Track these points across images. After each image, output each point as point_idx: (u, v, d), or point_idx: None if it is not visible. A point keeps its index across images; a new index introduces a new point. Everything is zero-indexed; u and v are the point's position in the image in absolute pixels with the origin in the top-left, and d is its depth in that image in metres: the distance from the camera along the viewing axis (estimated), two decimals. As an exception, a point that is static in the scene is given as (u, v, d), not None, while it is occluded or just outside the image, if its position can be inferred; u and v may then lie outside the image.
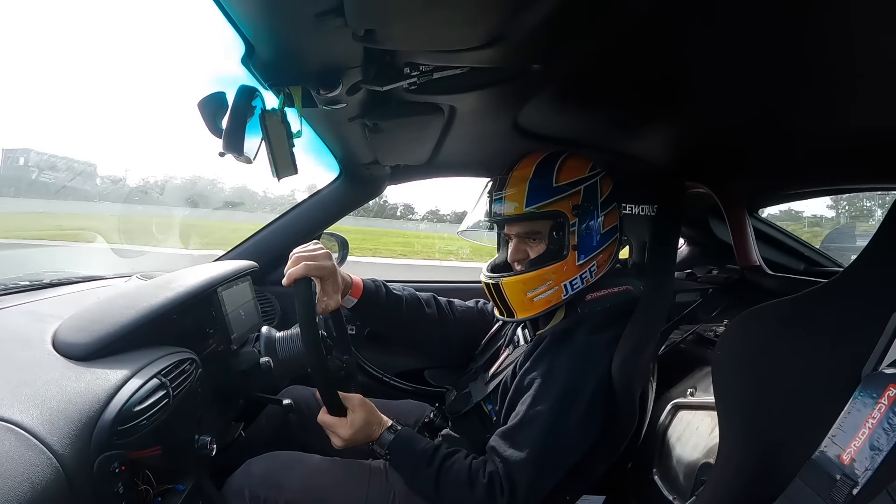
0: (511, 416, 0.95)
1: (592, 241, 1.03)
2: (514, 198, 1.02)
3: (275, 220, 1.62)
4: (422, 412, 1.29)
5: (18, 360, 0.74)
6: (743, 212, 1.32)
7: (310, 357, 0.91)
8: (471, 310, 1.37)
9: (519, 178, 1.03)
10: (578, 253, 1.01)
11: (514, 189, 1.02)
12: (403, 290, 1.29)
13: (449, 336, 1.34)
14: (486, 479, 0.87)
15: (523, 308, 1.04)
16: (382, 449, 0.97)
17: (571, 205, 1.01)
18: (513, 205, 1.02)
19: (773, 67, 0.73)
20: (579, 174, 1.03)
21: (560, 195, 1.00)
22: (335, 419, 0.96)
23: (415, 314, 1.28)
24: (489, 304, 1.36)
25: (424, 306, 1.30)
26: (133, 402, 0.72)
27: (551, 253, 1.03)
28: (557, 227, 1.02)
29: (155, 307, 0.91)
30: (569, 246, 1.01)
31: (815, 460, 0.62)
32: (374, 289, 1.22)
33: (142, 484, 0.79)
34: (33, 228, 6.22)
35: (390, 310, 1.23)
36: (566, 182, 1.01)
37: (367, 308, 1.20)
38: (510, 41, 0.63)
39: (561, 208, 1.00)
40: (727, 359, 0.79)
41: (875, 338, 0.61)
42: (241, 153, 0.72)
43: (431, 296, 1.33)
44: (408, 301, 1.27)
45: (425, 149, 1.26)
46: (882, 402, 0.59)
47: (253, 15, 0.60)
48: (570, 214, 1.01)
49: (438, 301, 1.33)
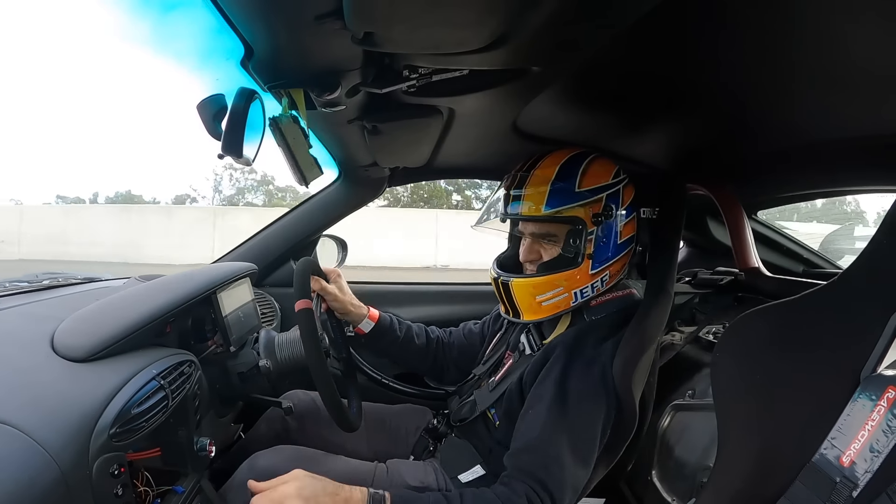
0: (527, 429, 0.92)
1: (608, 251, 1.00)
2: (532, 198, 0.99)
3: (274, 221, 1.62)
4: (422, 416, 1.28)
5: (17, 362, 0.73)
6: (741, 213, 1.32)
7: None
8: (459, 333, 1.39)
9: (540, 178, 1.00)
10: (592, 262, 0.99)
11: (534, 189, 0.99)
12: (409, 323, 1.35)
13: (447, 361, 1.35)
14: (525, 499, 0.83)
15: (530, 311, 1.03)
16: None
17: (592, 213, 0.98)
18: (531, 205, 0.99)
19: (772, 69, 0.74)
20: (603, 180, 1.00)
21: (581, 201, 0.97)
22: (271, 492, 0.79)
23: (423, 342, 1.33)
24: (476, 324, 1.39)
25: (429, 333, 1.36)
26: (132, 403, 0.71)
27: (565, 259, 1.00)
28: (574, 234, 0.99)
29: (154, 309, 0.90)
30: (584, 254, 0.98)
31: (814, 463, 0.63)
32: (388, 318, 1.30)
33: (141, 486, 0.80)
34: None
35: (403, 336, 1.30)
36: (589, 188, 0.98)
37: (384, 333, 1.28)
38: (510, 43, 0.64)
39: (580, 215, 0.97)
40: (726, 361, 0.79)
41: (874, 339, 0.61)
42: (241, 155, 0.72)
43: (433, 327, 1.39)
44: (416, 331, 1.33)
45: (424, 151, 1.26)
46: (881, 404, 0.59)
47: (252, 17, 0.60)
48: (589, 222, 0.97)
49: (438, 331, 1.39)
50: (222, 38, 0.64)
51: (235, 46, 0.66)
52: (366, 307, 1.27)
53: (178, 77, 8.28)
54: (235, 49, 0.67)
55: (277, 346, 1.13)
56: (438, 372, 1.37)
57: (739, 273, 1.31)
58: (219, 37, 0.63)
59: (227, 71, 0.72)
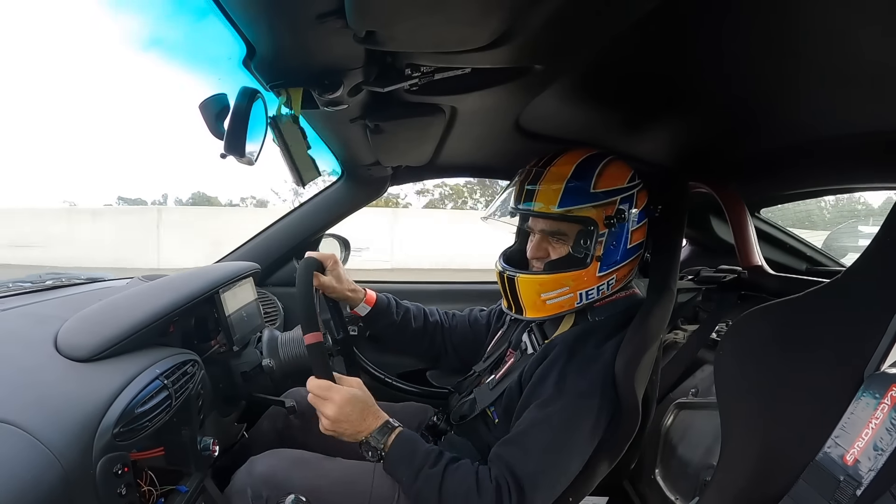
0: (518, 423, 0.94)
1: (617, 254, 0.99)
2: (546, 195, 0.97)
3: (277, 220, 1.62)
4: (424, 414, 1.28)
5: (20, 362, 0.74)
6: (745, 212, 1.32)
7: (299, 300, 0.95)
8: (464, 318, 1.39)
9: (556, 176, 0.98)
10: (601, 264, 0.98)
11: (549, 186, 0.98)
12: (409, 303, 1.35)
13: (447, 344, 1.36)
14: (493, 483, 0.86)
15: (534, 308, 1.02)
16: (379, 444, 0.89)
17: (605, 215, 0.97)
18: (544, 202, 0.98)
19: (775, 67, 0.73)
20: (619, 183, 0.99)
21: (595, 202, 0.96)
22: (325, 390, 0.89)
23: (420, 325, 1.33)
24: (482, 311, 1.39)
25: (428, 316, 1.35)
26: (135, 403, 0.72)
27: (573, 259, 0.99)
28: (585, 235, 0.98)
29: (157, 309, 0.91)
30: (593, 255, 0.97)
31: (818, 461, 0.62)
32: (386, 300, 1.30)
33: (145, 485, 0.80)
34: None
35: (400, 320, 1.30)
36: (603, 190, 0.97)
37: (380, 317, 1.28)
38: (512, 42, 0.63)
39: (593, 216, 0.96)
40: (729, 359, 0.78)
41: (878, 338, 0.61)
42: (243, 155, 0.72)
43: (434, 308, 1.39)
44: (414, 313, 1.33)
45: (427, 149, 1.26)
46: (885, 403, 0.58)
47: (254, 16, 0.60)
48: (601, 224, 0.96)
49: (439, 312, 1.38)
50: (223, 38, 0.64)
51: (237, 46, 0.66)
52: (363, 291, 1.27)
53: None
54: (237, 48, 0.67)
55: (280, 346, 1.13)
56: (435, 355, 1.38)
57: (742, 271, 1.31)
58: (219, 36, 0.63)
59: (229, 70, 0.72)
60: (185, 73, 0.78)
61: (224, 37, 0.64)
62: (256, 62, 0.70)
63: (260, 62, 0.70)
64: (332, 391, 0.88)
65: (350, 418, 0.88)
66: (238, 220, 10.31)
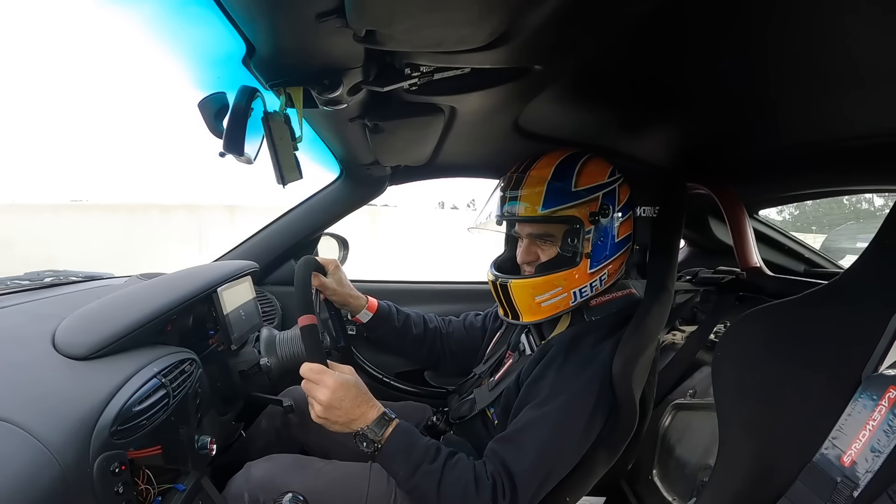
0: (514, 421, 0.94)
1: (606, 249, 1.00)
2: (529, 198, 0.99)
3: (275, 219, 1.62)
4: (423, 414, 1.29)
5: (18, 360, 0.74)
6: (743, 213, 1.32)
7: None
8: (460, 324, 1.40)
9: (536, 179, 1.00)
10: (591, 261, 0.99)
11: (531, 189, 0.99)
12: (409, 310, 1.37)
13: (445, 350, 1.36)
14: (489, 479, 0.87)
15: (530, 312, 1.03)
16: (376, 436, 0.88)
17: (588, 211, 0.98)
18: (527, 205, 0.99)
19: (774, 68, 0.73)
20: (599, 179, 1.00)
21: (578, 201, 0.97)
22: (318, 374, 0.87)
23: (421, 331, 1.34)
24: (477, 316, 1.39)
25: (428, 322, 1.36)
26: (133, 401, 0.72)
27: (563, 258, 1.01)
28: (572, 234, 0.99)
29: (155, 307, 0.91)
30: (581, 253, 0.98)
31: (815, 462, 0.63)
32: (387, 308, 1.32)
33: (142, 483, 0.80)
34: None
35: (401, 326, 1.32)
36: (585, 187, 0.98)
37: (381, 324, 1.30)
38: (511, 42, 0.63)
39: (577, 214, 0.98)
40: (727, 360, 0.79)
41: (875, 339, 0.61)
42: (242, 154, 0.72)
43: (433, 315, 1.40)
44: (415, 320, 1.35)
45: (426, 149, 1.26)
46: (882, 404, 0.59)
47: (254, 15, 0.60)
48: (586, 221, 0.98)
49: (437, 318, 1.40)
50: (223, 37, 0.64)
51: (237, 44, 0.66)
52: (365, 297, 1.29)
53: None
54: (237, 47, 0.67)
55: (278, 345, 1.13)
56: (434, 361, 1.39)
57: (741, 272, 1.31)
58: (219, 35, 0.63)
59: (228, 69, 0.72)
60: (185, 71, 0.77)
61: (224, 35, 0.63)
62: (256, 61, 0.70)
63: (259, 61, 0.70)
64: (325, 375, 0.87)
65: (342, 404, 0.86)
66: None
